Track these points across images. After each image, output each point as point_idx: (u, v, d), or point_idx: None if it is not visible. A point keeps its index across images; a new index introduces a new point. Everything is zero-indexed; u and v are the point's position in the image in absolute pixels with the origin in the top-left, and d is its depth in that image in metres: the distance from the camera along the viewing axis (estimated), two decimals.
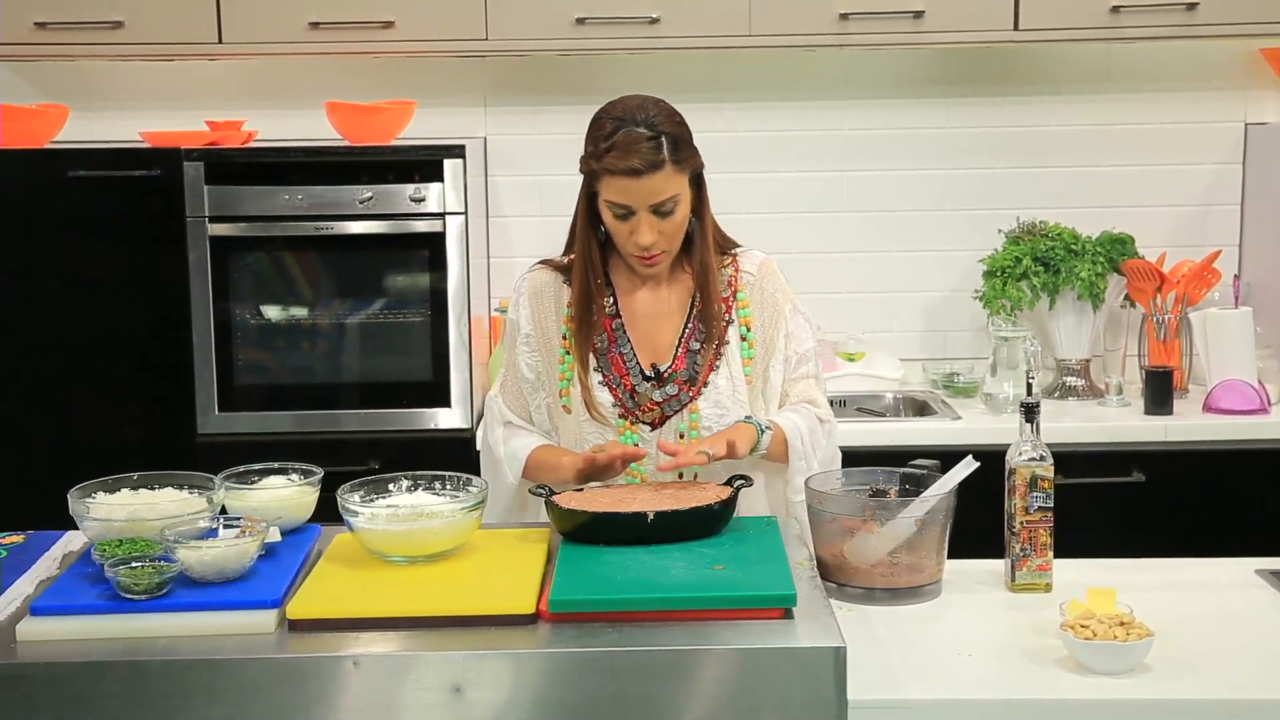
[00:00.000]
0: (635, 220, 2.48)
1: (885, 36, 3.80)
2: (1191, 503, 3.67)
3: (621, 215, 2.48)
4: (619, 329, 2.60)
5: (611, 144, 2.45)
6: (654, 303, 2.62)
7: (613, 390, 2.57)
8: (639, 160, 2.43)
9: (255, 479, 2.34)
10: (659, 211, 2.47)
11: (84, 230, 3.65)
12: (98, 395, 3.69)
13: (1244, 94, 4.13)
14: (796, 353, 2.65)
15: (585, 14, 3.76)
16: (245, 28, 3.75)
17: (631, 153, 2.43)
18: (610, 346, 2.59)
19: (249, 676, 1.91)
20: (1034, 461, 2.34)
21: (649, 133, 2.45)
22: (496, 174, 4.17)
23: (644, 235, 2.48)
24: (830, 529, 2.32)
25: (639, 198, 2.45)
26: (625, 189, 2.45)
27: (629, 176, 2.44)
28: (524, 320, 2.64)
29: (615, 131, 2.46)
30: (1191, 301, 3.94)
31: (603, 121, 2.51)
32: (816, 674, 1.92)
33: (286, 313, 3.74)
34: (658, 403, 2.56)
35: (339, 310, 3.74)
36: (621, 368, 2.58)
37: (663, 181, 2.45)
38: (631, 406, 2.57)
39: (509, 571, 2.14)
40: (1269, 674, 2.02)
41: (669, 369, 2.58)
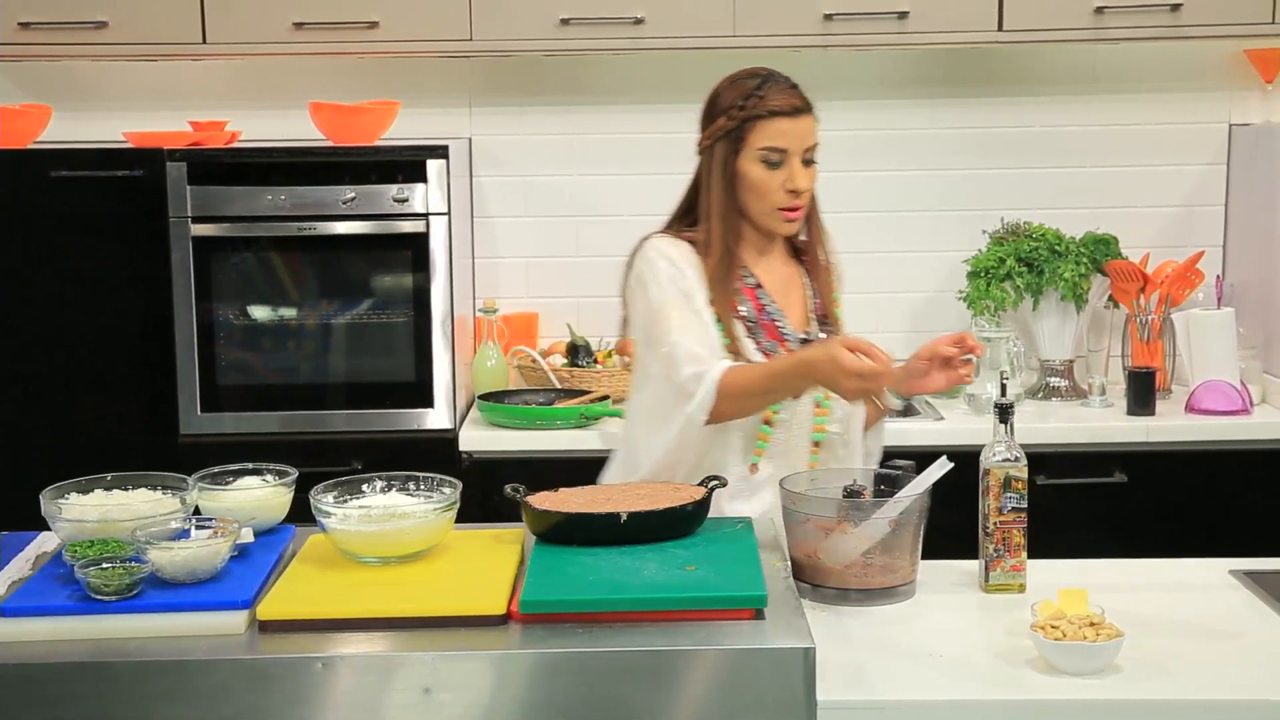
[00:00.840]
0: (788, 168, 2.55)
1: (869, 37, 3.80)
2: (1174, 503, 3.67)
3: (776, 163, 2.55)
4: (764, 298, 2.64)
5: (765, 90, 2.55)
6: (780, 277, 2.68)
7: (768, 356, 2.59)
8: (798, 99, 2.56)
9: (230, 480, 2.34)
10: (805, 160, 2.57)
11: (66, 230, 3.65)
12: (80, 395, 3.69)
13: (1228, 95, 4.13)
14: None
15: (570, 14, 3.76)
16: (229, 28, 3.75)
17: (789, 94, 2.56)
18: (760, 315, 2.62)
19: (218, 678, 1.90)
20: (1008, 462, 2.34)
21: (790, 83, 2.59)
22: (482, 174, 4.17)
23: (800, 179, 2.55)
24: (805, 530, 2.32)
25: (796, 139, 2.54)
26: (784, 131, 2.54)
27: (790, 116, 2.54)
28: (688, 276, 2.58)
29: (764, 82, 2.57)
30: (1175, 302, 3.94)
31: (742, 80, 2.59)
32: (786, 674, 1.92)
33: (269, 313, 3.74)
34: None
35: (322, 311, 3.74)
36: (776, 333, 2.62)
37: (812, 125, 2.58)
38: None
39: (481, 572, 2.14)
40: (1240, 674, 2.02)
41: (816, 336, 2.64)
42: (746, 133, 2.55)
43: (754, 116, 2.53)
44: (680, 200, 2.70)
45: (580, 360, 3.98)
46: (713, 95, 2.62)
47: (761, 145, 2.54)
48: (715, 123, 2.59)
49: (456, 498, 2.24)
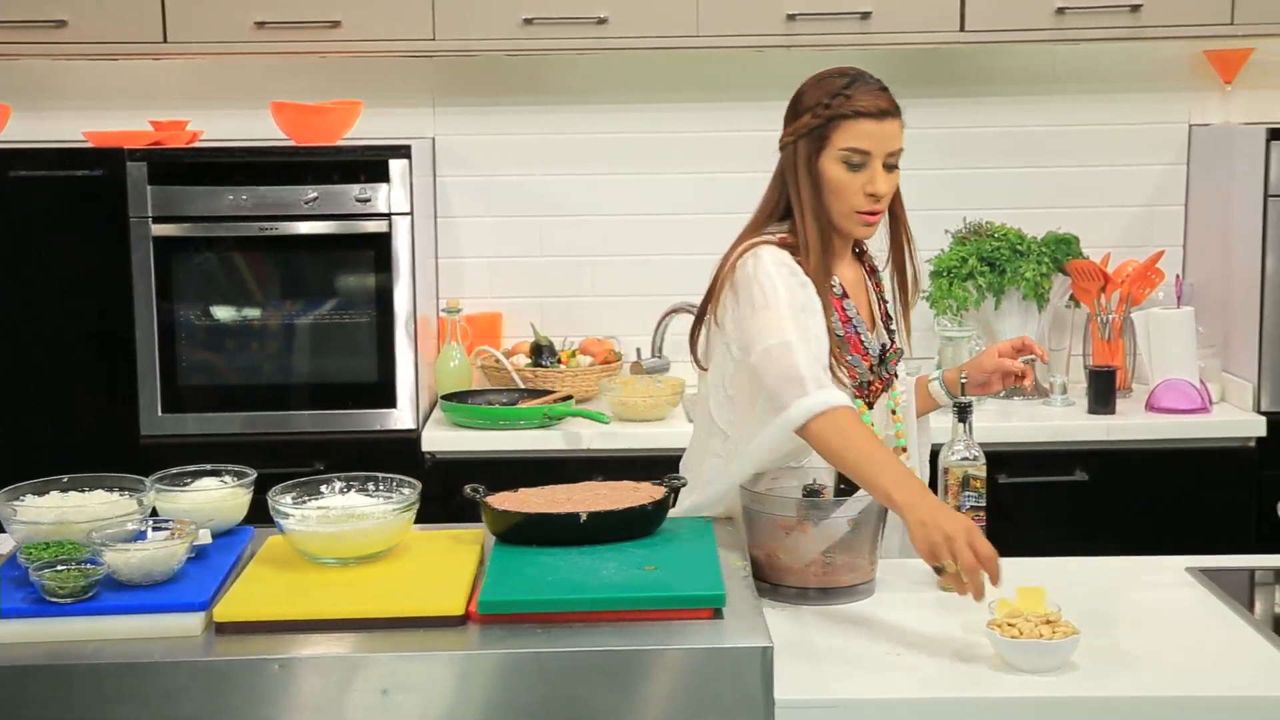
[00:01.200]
0: (870, 171, 2.47)
1: (832, 37, 3.80)
2: (1134, 501, 3.69)
3: (857, 165, 2.47)
4: (850, 309, 2.56)
5: (853, 91, 2.48)
6: (849, 277, 2.61)
7: (852, 371, 2.52)
8: (886, 101, 2.49)
9: (188, 481, 2.33)
10: (887, 164, 2.49)
11: (26, 230, 3.63)
12: (40, 396, 3.67)
13: (1188, 95, 4.16)
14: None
15: (533, 14, 3.76)
16: (190, 27, 3.73)
17: (876, 95, 2.49)
18: (845, 327, 2.54)
19: (174, 680, 1.90)
20: (966, 461, 2.35)
21: (879, 85, 2.52)
22: (445, 174, 4.16)
23: (881, 183, 2.48)
24: (764, 528, 2.32)
25: (880, 142, 2.47)
26: (869, 132, 2.46)
27: (876, 118, 2.47)
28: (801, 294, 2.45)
29: (853, 82, 2.50)
30: (1135, 301, 3.97)
31: (830, 78, 2.53)
32: (743, 674, 1.92)
33: (231, 313, 3.72)
34: (884, 380, 2.57)
35: (284, 311, 3.73)
36: (860, 347, 2.55)
37: (898, 129, 2.50)
38: (868, 381, 2.54)
39: (440, 573, 2.14)
40: (1194, 671, 2.04)
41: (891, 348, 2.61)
42: (830, 131, 2.48)
43: (839, 116, 2.46)
44: (763, 198, 2.61)
45: (544, 360, 3.98)
46: (798, 92, 2.55)
47: (844, 145, 2.47)
48: (799, 120, 2.52)
49: (415, 498, 2.23)
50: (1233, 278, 3.90)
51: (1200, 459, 3.72)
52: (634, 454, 3.63)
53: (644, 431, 3.72)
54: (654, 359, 4.05)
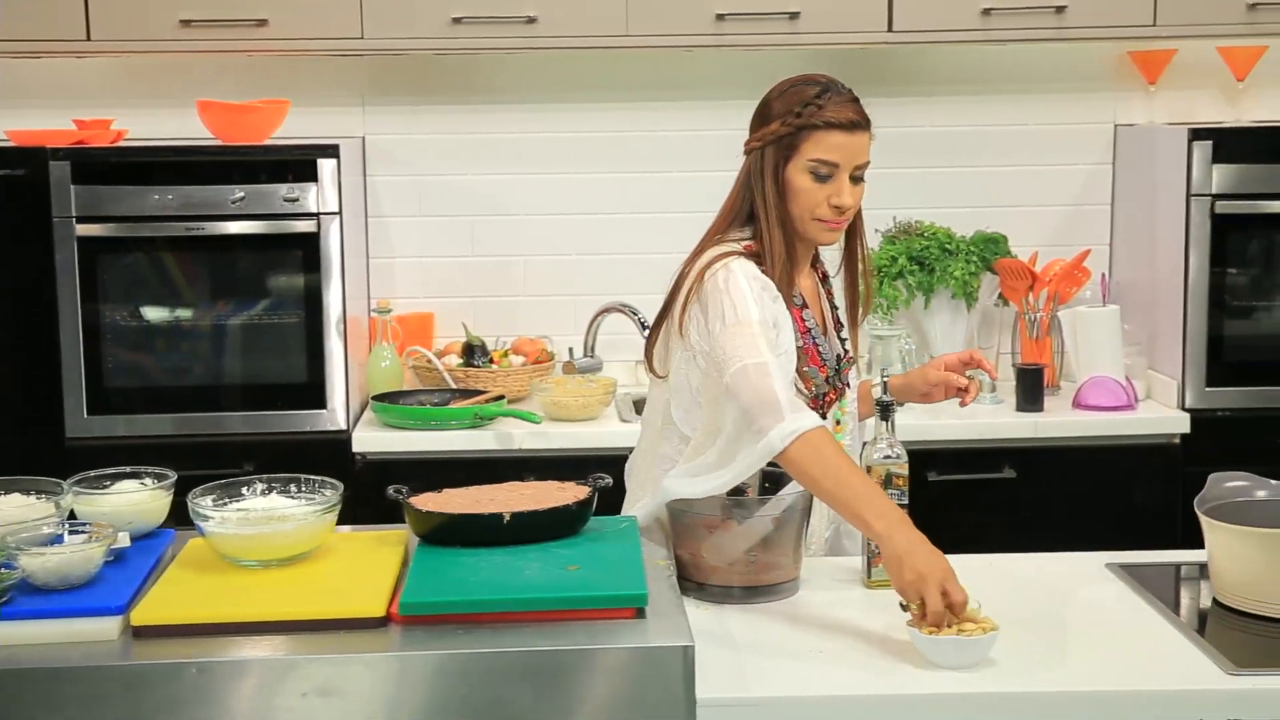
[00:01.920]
0: (836, 182, 2.47)
1: (761, 37, 3.82)
2: (1061, 498, 3.73)
3: (825, 176, 2.46)
4: (808, 319, 2.56)
5: (825, 101, 2.47)
6: (807, 287, 2.61)
7: (808, 383, 2.51)
8: (857, 114, 2.48)
9: (107, 484, 2.30)
10: (854, 176, 2.49)
11: None
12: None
13: (1113, 96, 4.20)
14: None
15: (462, 13, 3.75)
16: (114, 25, 3.69)
17: (849, 107, 2.48)
18: (804, 338, 2.54)
19: (89, 685, 1.88)
20: (889, 459, 2.36)
21: (851, 96, 2.51)
22: (376, 174, 4.14)
23: (846, 195, 2.47)
24: (689, 528, 2.33)
25: (848, 154, 2.47)
26: (838, 144, 2.46)
27: (846, 131, 2.46)
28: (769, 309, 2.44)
29: (824, 91, 2.49)
30: (1063, 300, 4.00)
31: (802, 86, 2.51)
32: (665, 673, 1.92)
33: (158, 314, 3.69)
34: (838, 390, 2.56)
35: (213, 312, 3.70)
36: (817, 359, 2.55)
37: (867, 143, 2.51)
38: (821, 397, 2.53)
39: (363, 575, 2.13)
40: (1111, 666, 2.06)
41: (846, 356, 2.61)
42: (800, 141, 2.46)
43: (809, 126, 2.45)
44: (726, 202, 2.58)
45: (476, 360, 3.96)
46: (767, 98, 2.54)
47: (813, 156, 2.46)
48: (768, 126, 2.50)
49: (338, 499, 2.22)
50: (1157, 276, 3.94)
51: (1126, 455, 3.76)
52: (566, 454, 3.63)
53: (576, 431, 3.72)
54: (586, 359, 4.04)
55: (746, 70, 4.16)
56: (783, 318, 2.45)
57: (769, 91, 2.56)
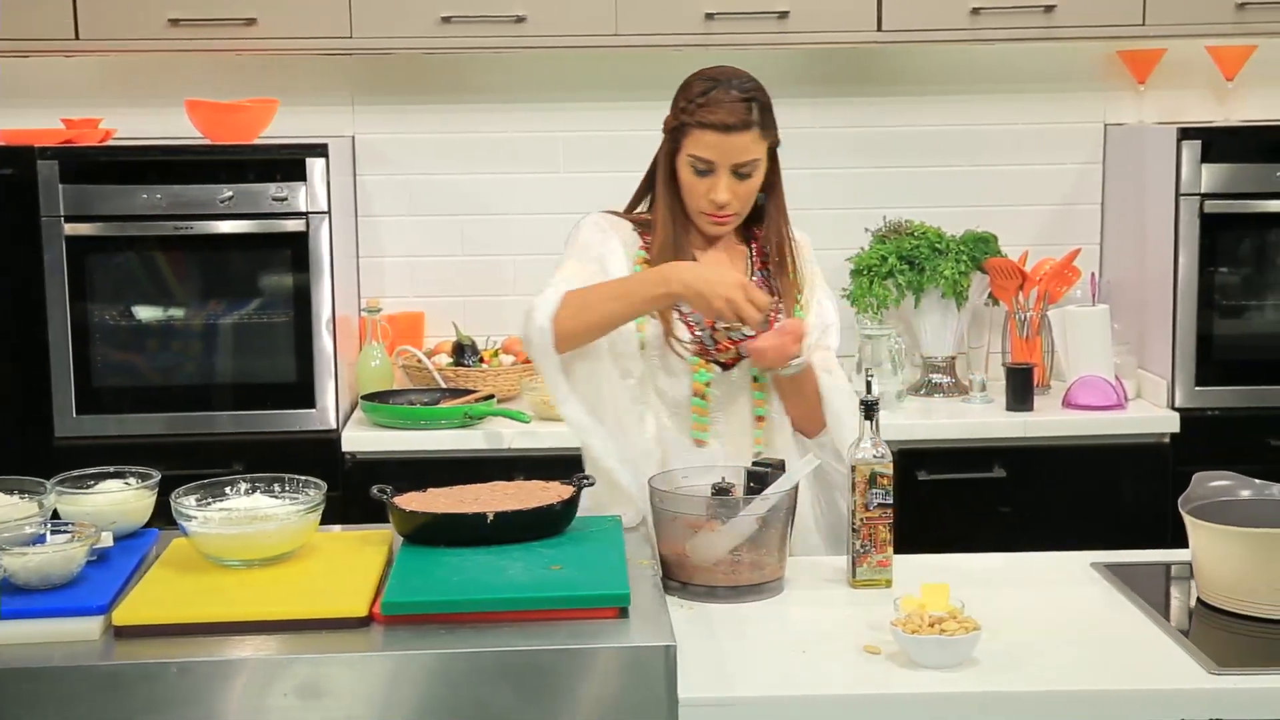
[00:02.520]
0: (715, 178, 2.57)
1: (750, 37, 3.82)
2: (1050, 497, 3.73)
3: (703, 171, 2.57)
4: None
5: (706, 100, 2.56)
6: (718, 264, 2.68)
7: (691, 328, 2.62)
8: (732, 117, 2.54)
9: (91, 483, 2.30)
10: (738, 173, 2.57)
11: None
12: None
13: (1103, 95, 4.20)
14: (824, 322, 2.76)
15: (451, 12, 3.75)
16: (103, 24, 3.69)
17: (724, 109, 2.54)
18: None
19: (70, 685, 1.87)
20: (873, 459, 2.36)
21: (741, 95, 2.57)
22: (365, 173, 4.14)
23: (721, 193, 2.57)
24: (673, 527, 2.33)
25: (725, 154, 2.55)
26: (714, 144, 2.55)
27: (720, 131, 2.54)
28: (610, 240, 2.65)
29: (710, 89, 2.57)
30: (1053, 299, 4.00)
31: (696, 82, 2.61)
32: (647, 673, 1.92)
33: (147, 313, 3.68)
34: (734, 342, 2.63)
35: (202, 311, 3.70)
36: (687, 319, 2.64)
37: (748, 142, 2.56)
38: (710, 345, 2.63)
39: (346, 574, 2.12)
40: (1093, 665, 2.06)
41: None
42: (682, 136, 2.58)
43: (687, 124, 2.57)
44: (643, 179, 2.72)
45: (466, 359, 3.96)
46: (683, 83, 2.64)
47: (691, 152, 2.57)
48: (669, 115, 2.62)
49: (321, 499, 2.22)
50: (1147, 275, 3.94)
51: (1116, 455, 3.76)
52: (555, 453, 3.61)
53: (565, 430, 3.67)
54: None
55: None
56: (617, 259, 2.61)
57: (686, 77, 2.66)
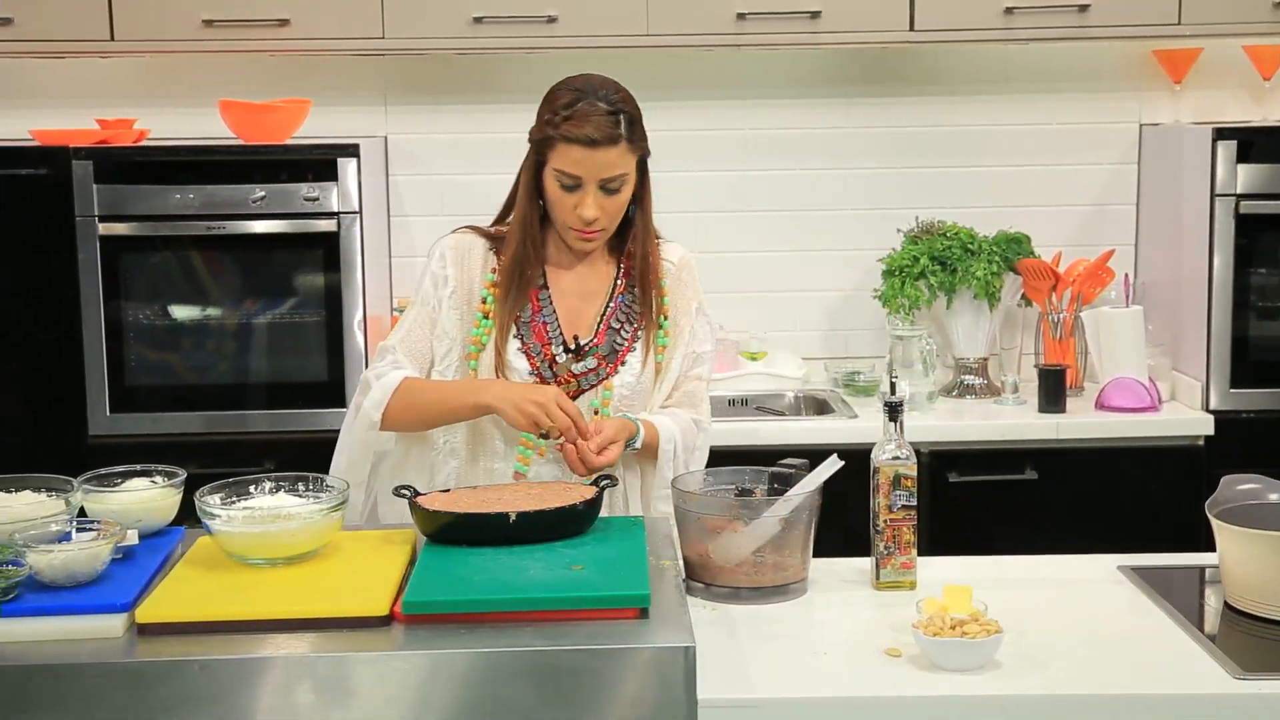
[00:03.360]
0: (582, 193, 2.51)
1: (782, 36, 3.81)
2: (1082, 500, 3.70)
3: (569, 186, 2.51)
4: (545, 300, 2.62)
5: (571, 113, 2.48)
6: (580, 280, 2.65)
7: (531, 359, 2.59)
8: (598, 132, 2.46)
9: (118, 481, 2.32)
10: (606, 188, 2.51)
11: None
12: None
13: (1138, 95, 4.17)
14: (695, 351, 2.70)
15: (483, 13, 3.76)
16: (137, 25, 3.72)
17: (591, 123, 2.47)
18: (534, 316, 2.60)
19: (92, 682, 1.89)
20: (897, 460, 2.35)
21: (608, 107, 2.49)
22: (397, 173, 4.15)
23: (589, 209, 2.51)
24: (696, 528, 2.32)
25: (591, 170, 2.48)
26: (579, 160, 2.48)
27: (585, 147, 2.47)
28: (451, 276, 2.63)
29: (576, 102, 2.49)
30: (1086, 300, 3.98)
31: (561, 93, 2.54)
32: (666, 674, 1.92)
33: (180, 313, 3.71)
34: (575, 375, 2.59)
35: (234, 310, 3.72)
36: (544, 336, 2.60)
37: (616, 157, 2.49)
38: (549, 377, 2.59)
39: (368, 573, 2.13)
40: (1116, 669, 2.04)
41: (590, 343, 2.61)
42: (547, 150, 2.51)
43: (553, 137, 2.49)
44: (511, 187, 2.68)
45: None
46: (548, 93, 2.58)
47: (556, 166, 2.50)
48: (534, 126, 2.56)
49: (345, 498, 2.23)
50: (1182, 277, 3.91)
51: (1149, 457, 3.73)
52: None
53: None
54: None
55: (768, 70, 4.16)
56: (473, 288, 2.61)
57: (553, 85, 2.60)
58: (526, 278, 2.60)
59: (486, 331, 2.60)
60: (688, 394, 2.68)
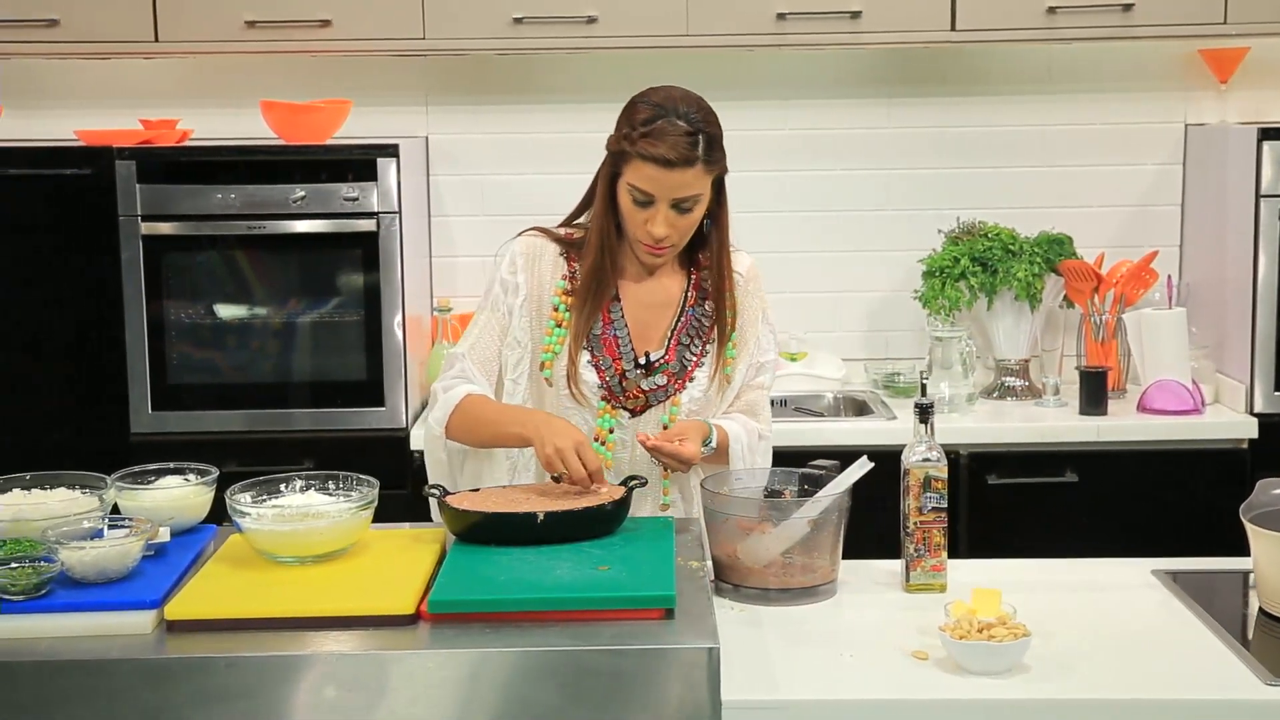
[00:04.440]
0: (654, 210, 2.48)
1: (823, 37, 3.80)
2: (1123, 502, 3.67)
3: (643, 202, 2.48)
4: (617, 313, 2.60)
5: (650, 130, 2.45)
6: (652, 293, 2.63)
7: (600, 372, 2.57)
8: (674, 153, 2.43)
9: (151, 479, 2.34)
10: (678, 207, 2.48)
11: (13, 229, 3.66)
12: (28, 395, 3.70)
13: (1184, 95, 4.13)
14: (758, 361, 2.68)
15: (523, 13, 3.76)
16: (181, 26, 3.75)
17: (668, 143, 2.43)
18: (605, 329, 2.59)
19: (120, 678, 1.90)
20: (928, 462, 2.34)
21: (688, 127, 2.46)
22: (439, 173, 4.17)
23: (659, 227, 2.49)
24: (725, 529, 2.32)
25: (665, 189, 2.46)
26: (653, 178, 2.45)
27: (661, 166, 2.44)
28: (523, 284, 2.61)
29: (655, 119, 2.46)
30: (1129, 302, 3.94)
31: (641, 106, 2.51)
32: (690, 674, 1.92)
33: (221, 312, 3.73)
34: (644, 391, 2.58)
35: (274, 310, 3.74)
36: (615, 351, 2.58)
37: (691, 178, 2.46)
38: (617, 391, 2.58)
39: (396, 572, 2.14)
40: (1145, 674, 2.02)
41: (661, 359, 2.60)
42: (623, 163, 2.49)
43: (629, 153, 2.47)
44: (587, 190, 2.66)
45: None
46: (628, 103, 2.56)
47: (630, 181, 2.48)
48: (612, 135, 2.54)
49: (374, 496, 2.24)
50: (1227, 278, 3.87)
51: (1191, 460, 3.69)
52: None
53: None
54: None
55: (807, 70, 4.15)
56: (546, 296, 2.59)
57: (634, 96, 2.58)
58: (603, 290, 2.58)
59: (560, 340, 2.58)
60: (749, 404, 2.66)
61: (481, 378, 2.59)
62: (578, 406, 2.57)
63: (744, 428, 2.59)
